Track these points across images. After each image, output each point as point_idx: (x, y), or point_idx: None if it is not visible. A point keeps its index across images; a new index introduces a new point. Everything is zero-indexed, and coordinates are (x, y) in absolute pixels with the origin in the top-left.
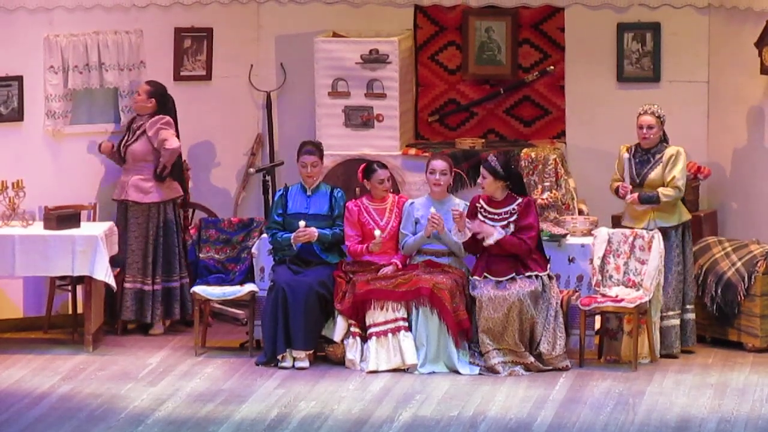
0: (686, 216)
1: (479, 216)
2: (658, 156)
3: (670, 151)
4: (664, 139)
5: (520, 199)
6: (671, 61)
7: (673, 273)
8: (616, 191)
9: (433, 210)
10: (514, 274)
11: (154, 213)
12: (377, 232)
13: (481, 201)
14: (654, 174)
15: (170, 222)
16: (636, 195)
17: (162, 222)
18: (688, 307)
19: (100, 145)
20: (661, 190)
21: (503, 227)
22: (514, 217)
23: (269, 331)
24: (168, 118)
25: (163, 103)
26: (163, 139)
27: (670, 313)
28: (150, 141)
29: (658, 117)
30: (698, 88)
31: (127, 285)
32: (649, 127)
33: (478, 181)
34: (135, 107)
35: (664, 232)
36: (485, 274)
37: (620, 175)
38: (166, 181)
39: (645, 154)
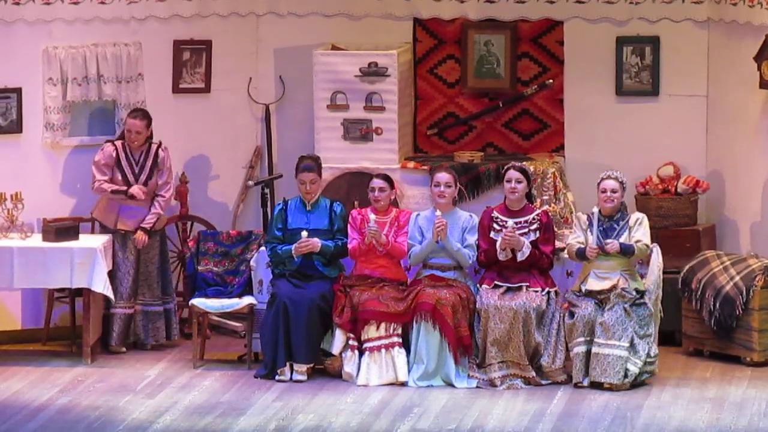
0: (642, 286)
1: (496, 228)
2: (622, 223)
3: (636, 216)
4: (623, 206)
5: (537, 209)
6: (670, 75)
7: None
8: (581, 255)
9: (438, 213)
10: (527, 284)
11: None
12: (372, 216)
13: (495, 213)
14: (623, 239)
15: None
16: (617, 243)
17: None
18: None
19: (132, 194)
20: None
21: (523, 235)
22: (535, 225)
23: (270, 344)
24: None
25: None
26: (167, 183)
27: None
28: (159, 170)
29: (621, 182)
30: (697, 102)
31: (139, 307)
32: (613, 191)
33: (511, 187)
34: (139, 142)
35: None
36: (496, 282)
37: (584, 238)
38: None
39: (608, 221)
